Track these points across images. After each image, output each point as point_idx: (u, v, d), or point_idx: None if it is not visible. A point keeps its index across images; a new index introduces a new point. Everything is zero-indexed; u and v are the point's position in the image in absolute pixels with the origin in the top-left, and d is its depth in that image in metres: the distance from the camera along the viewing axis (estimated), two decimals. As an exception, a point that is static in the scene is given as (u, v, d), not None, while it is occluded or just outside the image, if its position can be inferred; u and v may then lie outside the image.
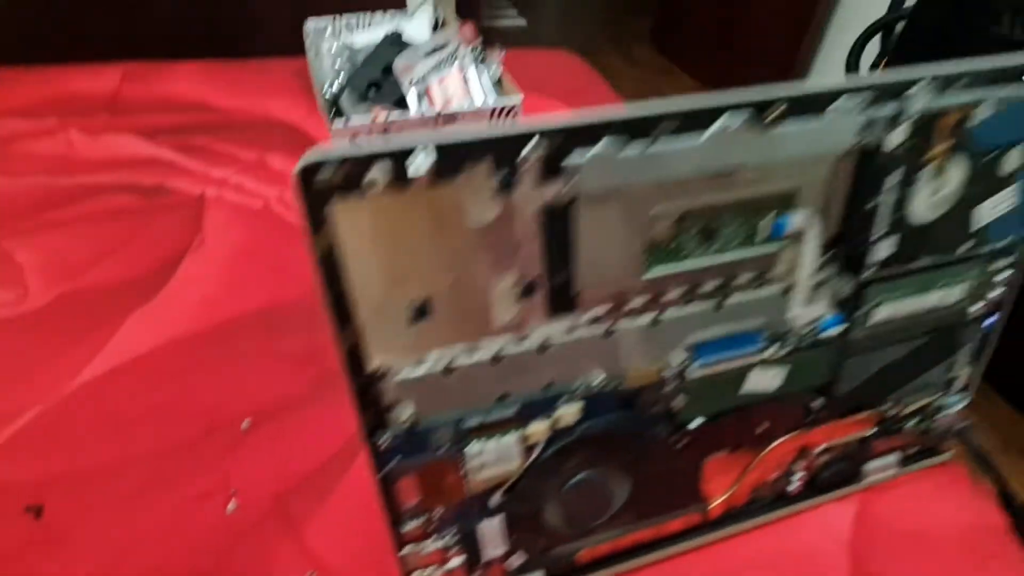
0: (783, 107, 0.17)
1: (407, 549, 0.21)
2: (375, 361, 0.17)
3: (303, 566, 0.25)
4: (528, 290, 0.18)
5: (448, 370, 0.18)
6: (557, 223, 0.17)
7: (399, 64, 0.48)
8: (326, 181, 0.14)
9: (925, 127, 0.19)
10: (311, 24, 0.57)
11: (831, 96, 0.18)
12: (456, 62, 0.46)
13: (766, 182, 0.19)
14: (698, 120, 0.17)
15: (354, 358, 0.17)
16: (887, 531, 0.27)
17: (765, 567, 0.25)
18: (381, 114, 0.43)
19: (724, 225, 0.19)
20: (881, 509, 0.28)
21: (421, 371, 0.18)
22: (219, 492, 0.28)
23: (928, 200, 0.21)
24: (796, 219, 0.20)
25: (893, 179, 0.20)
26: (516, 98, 0.44)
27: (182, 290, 0.40)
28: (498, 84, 0.48)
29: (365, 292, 0.16)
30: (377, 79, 0.51)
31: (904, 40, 0.99)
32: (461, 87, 0.45)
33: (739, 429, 0.24)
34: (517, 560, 0.23)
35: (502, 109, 0.44)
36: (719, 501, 0.26)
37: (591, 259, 0.18)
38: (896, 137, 0.19)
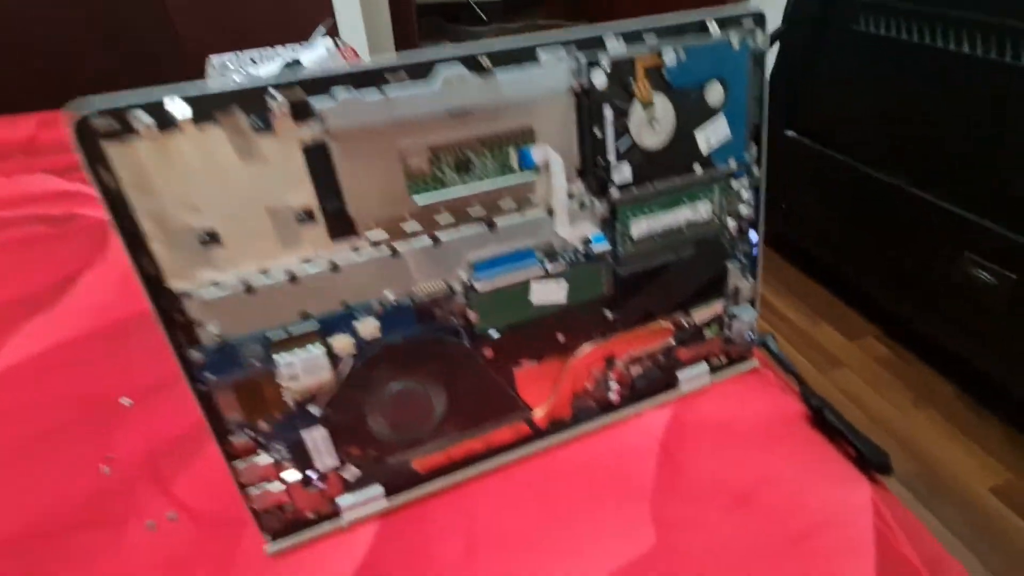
0: (489, 60, 0.22)
1: (238, 463, 0.24)
2: (175, 284, 0.21)
3: (168, 509, 0.27)
4: (307, 217, 0.22)
5: (249, 290, 0.22)
6: (319, 157, 0.21)
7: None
8: (98, 128, 0.18)
9: (624, 70, 0.24)
10: (215, 59, 0.62)
11: (533, 48, 0.23)
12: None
13: (502, 120, 0.23)
14: (421, 71, 0.21)
15: (154, 283, 0.20)
16: (695, 426, 0.31)
17: (584, 469, 0.29)
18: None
19: (475, 157, 0.24)
20: (692, 409, 0.32)
21: (223, 292, 0.22)
22: (94, 459, 0.30)
23: (648, 131, 0.26)
24: (538, 152, 0.24)
25: (609, 114, 0.25)
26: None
27: (80, 298, 0.42)
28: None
29: (154, 223, 0.20)
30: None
31: (785, 36, 1.10)
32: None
33: (540, 339, 0.28)
34: (351, 473, 0.26)
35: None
36: (541, 411, 0.29)
37: (358, 188, 0.22)
38: (602, 79, 0.24)
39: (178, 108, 0.19)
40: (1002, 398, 0.87)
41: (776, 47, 1.14)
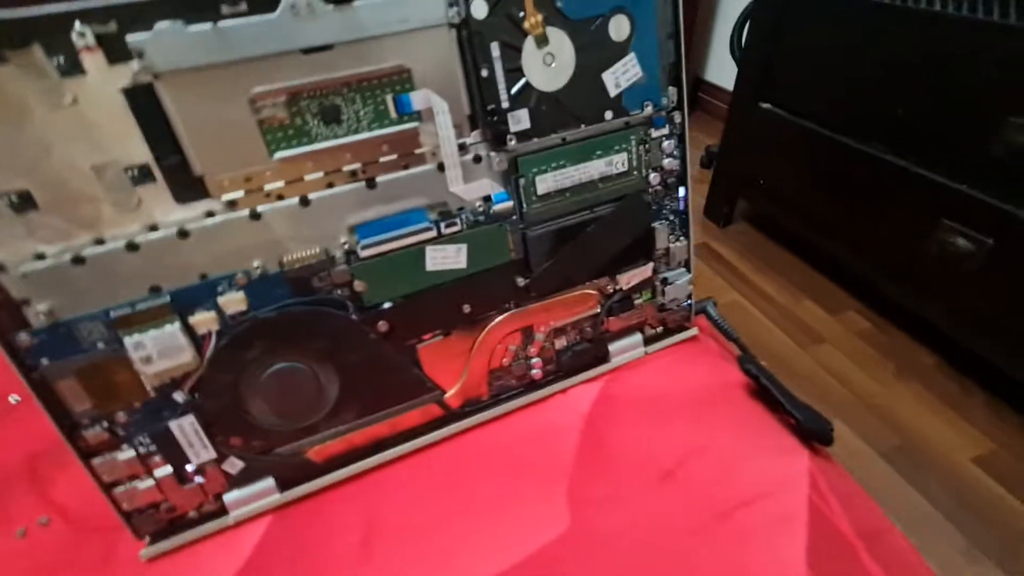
0: (337, -18, 0.19)
1: (98, 460, 0.21)
2: (-15, 255, 0.18)
3: (41, 513, 0.25)
4: (144, 176, 0.19)
5: (77, 260, 0.19)
6: (147, 104, 0.18)
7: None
8: None
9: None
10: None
11: (398, -26, 0.20)
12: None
13: (370, 60, 0.21)
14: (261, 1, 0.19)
15: (-42, 253, 0.18)
16: (625, 400, 0.28)
17: (501, 451, 0.26)
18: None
19: (344, 104, 0.21)
20: (623, 382, 0.29)
21: (46, 264, 0.19)
22: (-29, 463, 0.28)
23: (544, 70, 0.23)
24: (419, 97, 0.22)
25: (497, 51, 0.22)
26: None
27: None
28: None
29: (-52, 182, 0.17)
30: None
31: (759, 5, 1.07)
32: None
33: (443, 311, 0.25)
34: (234, 466, 0.24)
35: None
36: (454, 390, 0.27)
37: (204, 141, 0.19)
38: (482, 8, 0.21)
39: (-48, 44, 0.16)
40: (983, 368, 0.86)
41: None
